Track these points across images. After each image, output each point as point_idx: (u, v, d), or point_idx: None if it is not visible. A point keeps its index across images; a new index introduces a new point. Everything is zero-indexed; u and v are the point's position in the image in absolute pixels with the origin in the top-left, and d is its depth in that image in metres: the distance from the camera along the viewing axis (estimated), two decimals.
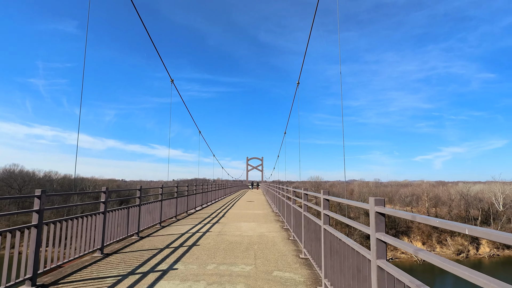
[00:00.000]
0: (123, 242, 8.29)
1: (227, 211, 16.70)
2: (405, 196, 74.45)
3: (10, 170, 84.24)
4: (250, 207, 18.97)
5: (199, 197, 18.21)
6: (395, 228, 69.82)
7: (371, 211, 2.80)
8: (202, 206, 18.84)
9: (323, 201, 4.95)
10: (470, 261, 65.37)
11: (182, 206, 14.44)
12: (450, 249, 67.10)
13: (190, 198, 15.85)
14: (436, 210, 72.35)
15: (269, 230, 10.34)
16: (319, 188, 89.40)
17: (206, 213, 15.43)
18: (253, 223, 12.07)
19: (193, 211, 16.30)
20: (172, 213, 12.84)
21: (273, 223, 12.18)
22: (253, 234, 9.60)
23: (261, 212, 16.03)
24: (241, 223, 12.04)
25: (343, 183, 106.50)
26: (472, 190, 75.82)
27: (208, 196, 21.43)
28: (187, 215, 14.75)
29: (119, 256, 6.79)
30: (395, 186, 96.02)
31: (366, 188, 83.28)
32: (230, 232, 9.90)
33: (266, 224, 11.85)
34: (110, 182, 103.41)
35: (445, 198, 75.51)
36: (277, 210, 15.22)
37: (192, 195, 16.37)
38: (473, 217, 70.16)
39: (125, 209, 8.33)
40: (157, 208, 10.95)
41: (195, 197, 16.89)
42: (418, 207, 72.87)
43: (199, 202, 18.10)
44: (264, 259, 6.54)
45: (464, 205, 70.98)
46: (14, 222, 67.40)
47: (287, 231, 10.15)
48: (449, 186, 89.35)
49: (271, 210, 17.46)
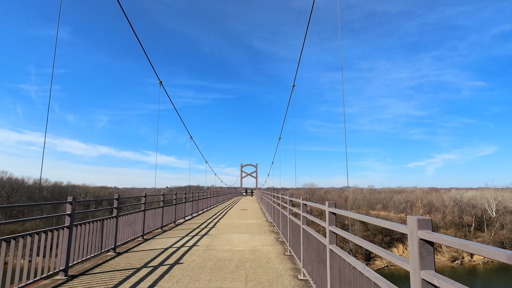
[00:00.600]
0: (96, 259, 7.18)
1: (219, 220, 15.61)
2: (399, 202, 73.84)
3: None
4: (243, 216, 17.92)
5: (189, 205, 17.08)
6: (390, 235, 69.03)
7: None
8: (192, 216, 17.71)
9: (328, 215, 3.97)
10: (464, 268, 64.75)
11: (169, 216, 13.34)
12: (444, 256, 66.40)
13: (178, 207, 14.74)
14: (430, 217, 71.77)
15: (262, 244, 9.30)
16: (314, 195, 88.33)
17: (196, 223, 14.34)
18: (246, 234, 11.01)
19: (182, 221, 15.18)
20: (157, 224, 11.73)
21: (267, 234, 11.14)
22: (244, 248, 8.56)
23: (254, 222, 14.96)
24: (233, 234, 10.98)
25: (337, 190, 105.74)
26: (465, 197, 75.63)
27: (199, 205, 20.30)
28: (175, 225, 13.63)
29: (85, 279, 5.69)
30: (389, 192, 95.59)
31: (361, 195, 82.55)
32: (220, 246, 8.85)
33: (259, 236, 10.81)
34: (102, 189, 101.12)
35: (438, 205, 75.12)
36: (272, 219, 14.20)
37: (181, 204, 15.26)
38: (467, 224, 69.73)
39: (98, 221, 7.24)
40: (139, 219, 9.85)
41: (184, 206, 15.78)
42: (412, 213, 72.26)
43: (188, 211, 16.98)
44: (256, 282, 5.51)
45: (458, 212, 70.60)
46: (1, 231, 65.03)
47: (282, 245, 9.13)
48: (442, 192, 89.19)
49: (265, 219, 16.43)
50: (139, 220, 9.89)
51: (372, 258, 63.69)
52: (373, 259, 63.87)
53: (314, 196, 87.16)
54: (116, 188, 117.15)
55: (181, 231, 11.93)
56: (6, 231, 62.92)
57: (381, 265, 62.57)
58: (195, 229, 12.46)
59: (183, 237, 10.39)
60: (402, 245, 69.31)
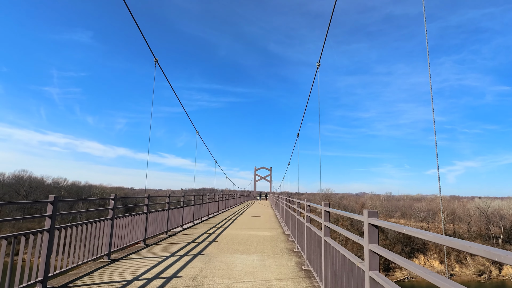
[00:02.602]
0: None
1: (223, 231, 12.32)
2: (420, 211, 68.53)
3: (19, 176, 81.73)
4: (254, 226, 14.50)
5: (189, 211, 13.84)
6: (411, 245, 63.85)
7: None
8: (193, 223, 14.52)
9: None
10: (492, 283, 58.78)
11: (159, 225, 10.16)
12: (470, 270, 60.56)
13: (173, 213, 11.57)
14: (454, 227, 66.18)
15: (279, 276, 5.90)
16: (329, 200, 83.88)
17: (194, 234, 11.11)
18: (255, 256, 7.65)
19: (178, 230, 11.97)
20: (138, 236, 8.57)
21: (286, 256, 7.74)
22: (251, 286, 5.23)
23: (267, 235, 11.53)
24: (237, 255, 7.67)
25: (353, 196, 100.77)
26: (492, 207, 69.52)
27: (204, 210, 17.07)
28: (167, 236, 10.43)
29: None
30: (408, 200, 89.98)
31: (379, 202, 77.53)
32: (213, 279, 5.50)
33: (274, 259, 7.43)
34: (118, 190, 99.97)
35: (461, 214, 69.32)
36: (290, 232, 10.81)
37: (176, 209, 12.04)
38: (494, 235, 63.73)
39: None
40: (102, 232, 6.68)
41: (181, 211, 12.58)
42: (434, 222, 66.86)
43: (188, 218, 13.74)
44: None
45: (485, 222, 64.73)
46: (18, 228, 64.13)
47: (310, 278, 5.75)
48: (465, 201, 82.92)
49: (281, 230, 12.97)
50: (103, 232, 6.72)
51: (391, 269, 58.78)
52: (392, 270, 58.97)
53: (330, 202, 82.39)
54: (133, 189, 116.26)
55: (170, 246, 8.72)
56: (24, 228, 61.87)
57: (401, 276, 57.63)
58: (189, 243, 9.21)
59: (167, 257, 7.16)
60: (423, 255, 63.94)
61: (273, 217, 20.08)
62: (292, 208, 10.37)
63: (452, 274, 59.79)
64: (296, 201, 8.71)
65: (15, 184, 77.60)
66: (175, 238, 10.17)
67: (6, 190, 75.19)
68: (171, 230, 11.60)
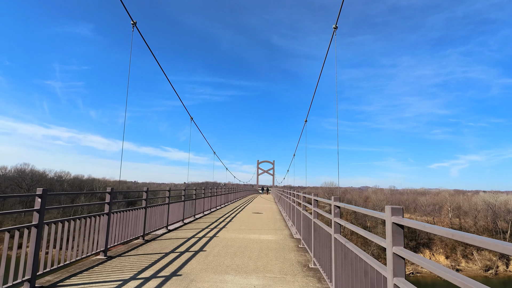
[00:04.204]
0: None
1: (217, 233, 9.79)
2: (426, 205, 65.93)
3: (21, 169, 79.98)
4: (255, 226, 11.95)
5: (177, 209, 11.26)
6: (416, 239, 61.44)
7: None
8: (184, 222, 12.01)
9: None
10: (499, 278, 56.38)
11: (131, 229, 7.64)
12: (477, 265, 58.08)
13: (154, 212, 9.03)
14: (460, 221, 63.61)
15: None
16: (333, 194, 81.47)
17: (179, 238, 8.60)
18: (254, 279, 5.06)
19: (160, 233, 9.43)
20: (95, 245, 6.09)
21: (300, 278, 5.12)
22: None
23: (272, 239, 8.88)
24: (228, 277, 5.10)
25: (356, 189, 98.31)
26: (498, 201, 66.83)
27: (198, 206, 14.52)
28: (143, 242, 7.90)
29: None
30: (412, 194, 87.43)
31: (383, 196, 75.02)
32: None
33: (283, 284, 4.93)
34: (120, 183, 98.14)
35: (467, 208, 66.72)
36: (301, 236, 8.25)
37: (160, 207, 9.51)
38: (502, 230, 61.19)
39: None
40: None
41: (166, 209, 10.06)
42: (440, 217, 64.31)
43: (176, 217, 11.18)
44: None
45: (492, 217, 62.11)
46: (21, 221, 62.54)
47: None
48: (469, 195, 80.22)
49: (288, 232, 10.40)
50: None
51: None
52: None
53: (334, 195, 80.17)
54: (135, 183, 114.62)
55: (140, 258, 6.23)
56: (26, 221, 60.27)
57: (406, 271, 55.33)
58: (167, 254, 6.67)
59: (123, 283, 4.71)
60: (428, 250, 61.53)
61: (277, 213, 17.57)
62: (303, 206, 7.85)
63: (458, 269, 57.45)
64: (312, 198, 6.16)
65: (17, 177, 75.93)
66: (152, 245, 7.67)
67: (8, 183, 73.56)
68: (153, 233, 9.16)
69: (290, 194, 12.52)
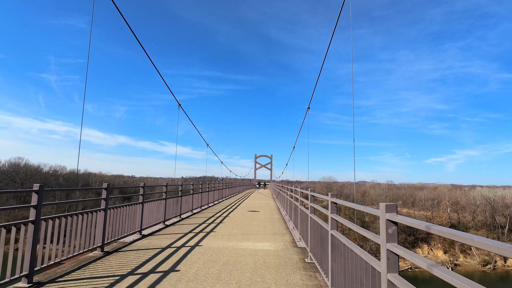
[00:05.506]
0: None
1: (202, 239, 8.28)
2: (424, 199, 66.06)
3: (15, 163, 78.80)
4: (250, 228, 10.47)
5: (155, 208, 9.82)
6: (414, 234, 61.58)
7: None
8: (165, 224, 11.12)
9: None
10: (497, 273, 56.77)
11: (85, 238, 5.94)
12: (475, 260, 58.44)
13: (120, 213, 7.44)
14: (458, 216, 63.84)
15: None
16: (331, 189, 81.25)
17: (150, 249, 6.96)
18: None
19: (129, 240, 7.80)
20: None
21: None
22: None
23: (270, 250, 7.24)
24: None
25: (353, 184, 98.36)
26: (497, 196, 67.13)
27: (185, 204, 13.18)
28: (102, 254, 6.22)
29: None
30: (409, 188, 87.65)
31: (380, 190, 75.09)
32: None
33: None
34: (117, 178, 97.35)
35: (465, 203, 66.96)
36: (308, 246, 6.75)
37: (130, 207, 8.07)
38: (500, 225, 61.48)
39: None
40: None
41: (139, 209, 8.55)
42: (439, 211, 64.43)
43: (152, 219, 9.60)
44: None
45: (490, 211, 62.35)
46: (14, 216, 61.77)
47: None
48: (466, 190, 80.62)
49: (290, 239, 8.90)
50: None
51: None
52: None
53: (332, 190, 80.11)
54: (133, 177, 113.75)
55: (81, 285, 4.44)
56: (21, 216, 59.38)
57: (404, 266, 55.42)
58: (124, 276, 4.88)
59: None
60: (427, 245, 61.78)
61: (276, 212, 16.72)
62: (311, 208, 6.58)
63: (457, 264, 57.81)
64: (329, 200, 4.40)
65: (11, 172, 74.83)
66: (110, 260, 5.91)
67: (1, 178, 72.48)
68: (119, 241, 7.58)
69: (291, 191, 11.66)
